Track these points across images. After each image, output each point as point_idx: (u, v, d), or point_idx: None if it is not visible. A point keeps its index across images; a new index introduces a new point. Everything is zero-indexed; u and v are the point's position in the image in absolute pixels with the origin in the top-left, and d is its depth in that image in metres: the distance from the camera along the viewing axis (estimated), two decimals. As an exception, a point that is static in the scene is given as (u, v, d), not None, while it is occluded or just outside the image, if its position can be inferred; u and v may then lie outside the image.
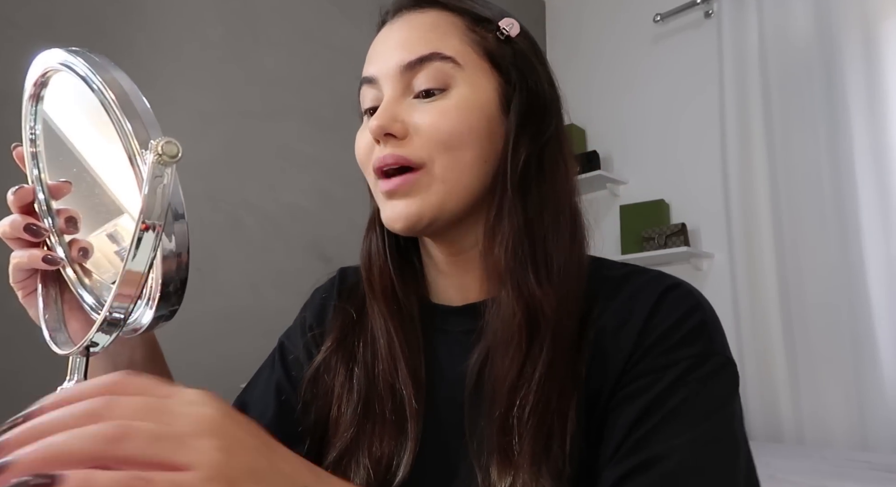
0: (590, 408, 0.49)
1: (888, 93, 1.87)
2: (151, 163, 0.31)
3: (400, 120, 0.51)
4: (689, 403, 0.46)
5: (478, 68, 0.54)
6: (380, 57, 0.55)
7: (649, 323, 0.49)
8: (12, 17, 1.45)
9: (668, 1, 2.43)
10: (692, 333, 0.49)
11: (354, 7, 2.11)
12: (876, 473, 1.27)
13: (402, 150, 0.51)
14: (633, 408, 0.46)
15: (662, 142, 2.43)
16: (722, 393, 0.47)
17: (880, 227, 1.82)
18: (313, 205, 1.96)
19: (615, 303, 0.52)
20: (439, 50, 0.52)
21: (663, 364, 0.47)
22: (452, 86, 0.52)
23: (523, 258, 0.51)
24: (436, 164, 0.51)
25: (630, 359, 0.49)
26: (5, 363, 1.33)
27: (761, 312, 2.01)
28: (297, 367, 0.62)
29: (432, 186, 0.51)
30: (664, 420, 0.45)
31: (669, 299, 0.51)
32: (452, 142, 0.51)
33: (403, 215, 0.51)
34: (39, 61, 0.41)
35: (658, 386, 0.46)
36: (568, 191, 0.55)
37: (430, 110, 0.51)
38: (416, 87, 0.52)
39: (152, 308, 0.35)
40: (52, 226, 0.44)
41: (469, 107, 0.52)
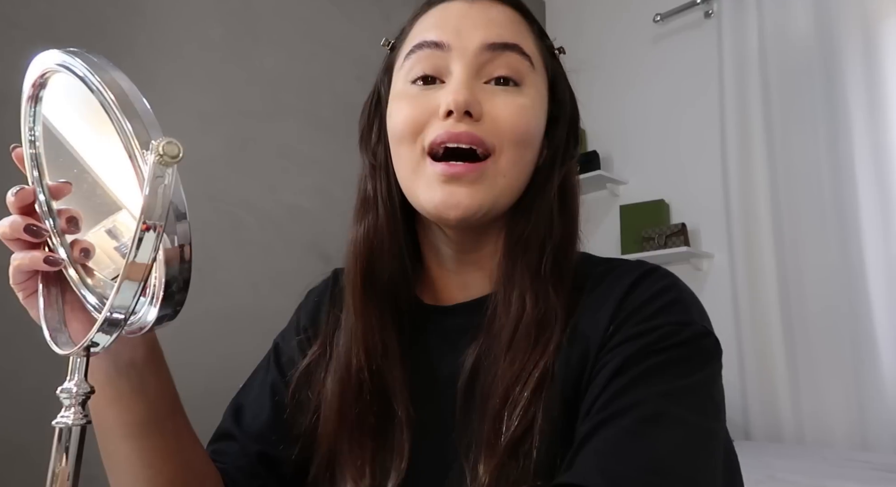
0: (573, 395, 0.48)
1: (888, 93, 1.87)
2: (152, 164, 0.31)
3: (478, 101, 0.49)
4: (665, 364, 0.44)
5: (542, 76, 0.55)
6: (456, 27, 0.51)
7: (625, 301, 0.49)
8: (13, 17, 1.45)
9: (668, 1, 2.43)
10: (669, 305, 0.48)
11: (354, 7, 2.11)
12: (876, 473, 1.27)
13: (478, 131, 0.49)
14: (608, 370, 0.45)
15: (662, 142, 2.43)
16: (700, 359, 0.46)
17: (880, 227, 1.82)
18: (313, 205, 1.96)
19: (595, 294, 0.52)
20: (522, 44, 0.52)
21: (639, 331, 0.46)
22: (525, 83, 0.52)
23: (548, 265, 0.52)
24: (503, 156, 0.50)
25: (605, 334, 0.48)
26: (5, 363, 1.33)
27: (761, 312, 2.01)
28: (291, 369, 0.62)
29: (497, 179, 0.50)
30: (640, 376, 0.43)
31: (646, 279, 0.51)
32: (523, 139, 0.51)
33: (465, 204, 0.49)
34: (37, 62, 0.41)
35: (633, 347, 0.45)
36: (578, 199, 0.57)
37: (510, 102, 0.50)
38: (490, 72, 0.51)
39: (155, 307, 0.35)
40: (54, 228, 0.44)
41: (537, 109, 0.53)
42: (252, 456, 0.60)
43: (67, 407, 0.37)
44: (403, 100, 0.53)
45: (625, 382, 0.44)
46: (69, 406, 0.37)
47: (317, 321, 0.64)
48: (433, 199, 0.50)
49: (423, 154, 0.50)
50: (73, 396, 0.37)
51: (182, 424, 0.55)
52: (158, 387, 0.51)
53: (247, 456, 0.59)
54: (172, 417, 0.53)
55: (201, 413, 0.67)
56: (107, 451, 0.52)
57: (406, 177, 0.53)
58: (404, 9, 0.61)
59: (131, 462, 0.51)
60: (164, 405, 0.52)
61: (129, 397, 0.49)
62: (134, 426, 0.50)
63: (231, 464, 0.59)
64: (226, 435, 0.62)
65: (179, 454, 0.53)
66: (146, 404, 0.50)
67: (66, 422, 0.36)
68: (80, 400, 0.37)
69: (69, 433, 0.36)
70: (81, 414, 0.37)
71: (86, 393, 0.37)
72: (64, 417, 0.36)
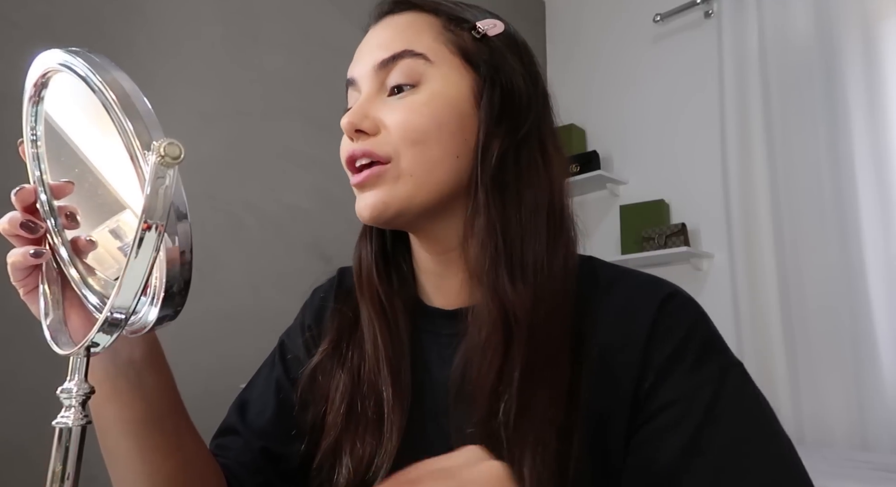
0: (596, 426, 0.48)
1: (888, 93, 1.87)
2: (154, 165, 0.31)
3: (371, 117, 0.53)
4: (731, 428, 0.46)
5: (451, 65, 0.54)
6: (359, 59, 0.56)
7: (654, 340, 0.49)
8: (12, 17, 1.45)
9: (668, 1, 2.43)
10: (704, 349, 0.50)
11: (354, 7, 2.11)
12: (876, 473, 1.27)
13: (369, 145, 0.52)
14: (672, 445, 0.46)
15: (662, 142, 2.43)
16: (751, 399, 0.49)
17: (880, 227, 1.82)
18: (313, 206, 1.96)
19: (611, 312, 0.52)
20: (411, 47, 0.53)
21: (687, 391, 0.47)
22: (423, 83, 0.53)
23: (496, 257, 0.51)
24: (402, 159, 0.52)
25: (641, 383, 0.49)
26: (5, 363, 1.33)
27: (761, 312, 2.01)
28: (296, 367, 0.63)
29: (400, 179, 0.52)
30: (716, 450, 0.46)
31: (670, 311, 0.51)
32: (420, 138, 0.51)
33: (370, 204, 0.52)
34: (39, 62, 0.41)
35: (692, 416, 0.47)
36: (549, 190, 0.54)
37: (399, 106, 0.52)
38: (388, 85, 0.53)
39: (156, 307, 0.35)
40: (56, 227, 0.44)
41: (439, 103, 0.52)
42: (255, 452, 0.60)
43: (67, 408, 0.37)
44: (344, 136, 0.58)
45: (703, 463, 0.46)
46: (69, 406, 0.37)
47: (322, 319, 0.65)
48: (356, 207, 0.54)
49: (350, 172, 0.55)
50: (74, 396, 0.37)
51: (182, 422, 0.55)
52: (158, 385, 0.52)
53: (250, 452, 0.60)
54: (172, 415, 0.54)
55: (201, 414, 0.67)
56: (107, 448, 0.52)
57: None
58: (404, 9, 0.62)
59: (131, 458, 0.52)
60: (163, 403, 0.53)
61: (128, 394, 0.50)
62: (133, 423, 0.51)
63: (234, 460, 0.60)
64: (230, 430, 0.63)
65: (179, 451, 0.54)
66: (145, 402, 0.51)
67: (67, 422, 0.36)
68: (80, 400, 0.37)
69: (69, 433, 0.36)
70: (81, 415, 0.37)
71: (86, 393, 0.37)
72: (64, 417, 0.36)
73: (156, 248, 0.32)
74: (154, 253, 0.32)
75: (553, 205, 0.54)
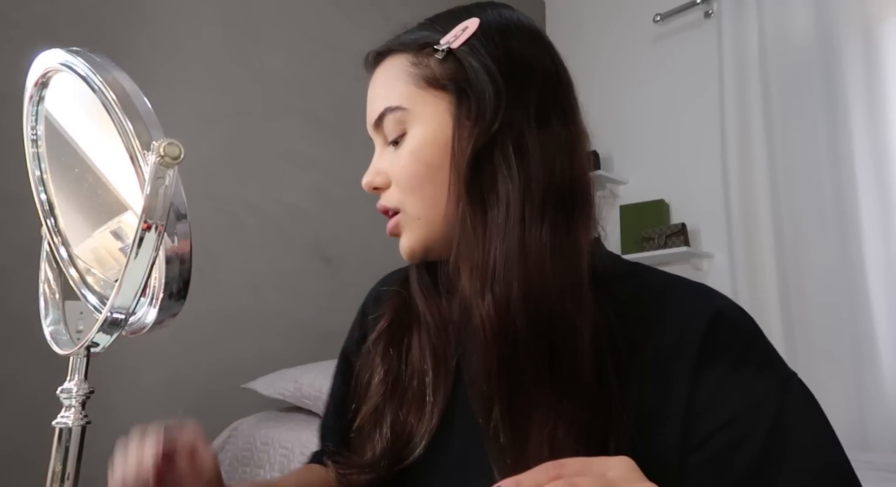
0: (644, 432, 0.47)
1: (888, 93, 1.87)
2: (153, 165, 0.31)
3: (381, 172, 0.58)
4: (800, 436, 0.46)
5: (425, 101, 0.55)
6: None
7: (710, 352, 0.48)
8: (12, 17, 1.45)
9: (668, 1, 2.43)
10: (763, 361, 0.49)
11: (354, 7, 2.11)
12: (876, 473, 1.27)
13: (384, 201, 0.58)
14: (743, 458, 0.45)
15: (662, 142, 2.43)
16: (814, 407, 0.48)
17: (880, 227, 1.82)
18: (313, 206, 1.96)
19: (664, 318, 0.50)
20: (389, 103, 0.56)
21: (751, 403, 0.46)
22: (408, 130, 0.56)
23: (474, 265, 0.51)
24: (408, 206, 0.56)
25: (697, 395, 0.47)
26: (5, 363, 1.33)
27: (761, 312, 2.01)
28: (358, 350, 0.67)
29: (413, 223, 0.56)
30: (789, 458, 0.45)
31: (727, 323, 0.49)
32: (414, 184, 0.55)
33: (404, 249, 0.58)
34: (40, 62, 0.41)
35: (761, 427, 0.46)
36: (531, 180, 0.51)
37: (393, 161, 0.57)
38: (388, 139, 0.58)
39: (155, 307, 0.35)
40: (55, 227, 0.44)
41: (422, 145, 0.55)
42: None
43: (67, 408, 0.37)
44: None
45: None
46: (69, 406, 0.37)
47: (381, 302, 0.68)
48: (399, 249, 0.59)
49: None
50: (74, 396, 0.37)
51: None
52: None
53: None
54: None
55: (201, 414, 0.67)
56: None
57: None
58: (404, 9, 0.62)
59: None
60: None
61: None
62: None
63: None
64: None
65: None
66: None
67: (67, 422, 0.36)
68: (80, 400, 0.37)
69: (69, 433, 0.36)
70: (81, 415, 0.37)
71: (86, 393, 0.37)
72: (64, 417, 0.36)
73: (155, 248, 0.32)
74: (154, 252, 0.32)
75: (541, 194, 0.50)
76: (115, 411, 1.46)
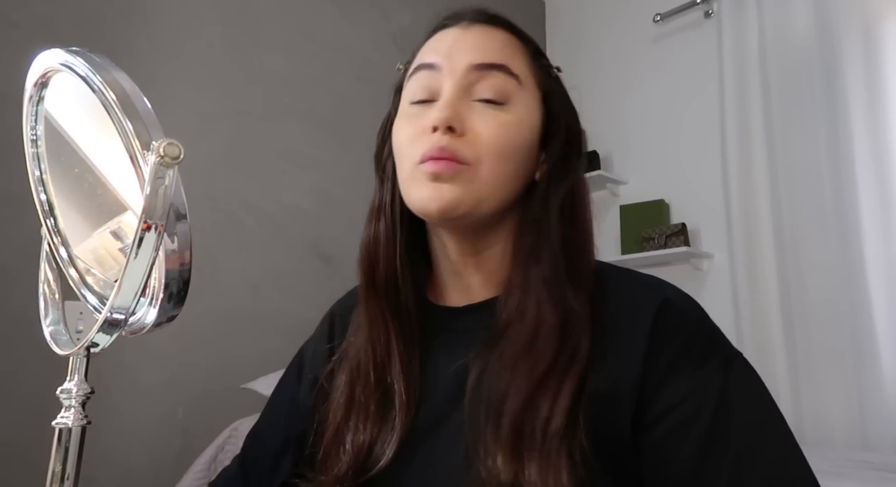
0: (598, 410, 0.49)
1: (888, 94, 1.87)
2: (153, 165, 0.31)
3: (461, 118, 0.54)
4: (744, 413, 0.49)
5: (533, 95, 0.58)
6: (449, 51, 0.57)
7: (658, 340, 0.51)
8: (12, 17, 1.45)
9: (668, 1, 2.43)
10: (708, 345, 0.52)
11: (354, 7, 2.11)
12: (876, 473, 1.27)
13: (455, 146, 0.54)
14: (691, 438, 0.48)
15: (662, 142, 2.43)
16: (757, 384, 0.52)
17: (880, 227, 1.82)
18: (313, 206, 1.96)
19: (612, 309, 0.54)
20: (509, 64, 0.56)
21: (696, 385, 0.49)
22: (511, 103, 0.56)
23: (562, 275, 0.55)
24: (482, 167, 0.54)
25: (647, 380, 0.50)
26: (5, 363, 1.33)
27: (761, 312, 2.01)
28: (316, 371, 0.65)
29: (474, 183, 0.54)
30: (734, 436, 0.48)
31: (673, 311, 0.53)
32: (504, 153, 0.55)
33: (445, 198, 0.53)
34: (39, 62, 0.41)
35: (705, 408, 0.48)
36: (586, 210, 0.60)
37: (491, 119, 0.55)
38: (477, 92, 0.56)
39: (155, 307, 0.35)
40: (54, 227, 0.44)
41: (521, 126, 0.56)
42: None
43: (67, 408, 0.37)
44: (404, 119, 0.59)
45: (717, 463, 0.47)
46: (69, 406, 0.37)
47: (335, 328, 0.69)
48: (421, 195, 0.54)
49: (415, 165, 0.55)
50: (73, 396, 0.37)
51: None
52: None
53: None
54: None
55: (201, 414, 0.67)
56: None
57: (404, 184, 0.58)
58: (404, 9, 0.62)
59: None
60: None
61: None
62: None
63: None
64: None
65: None
66: None
67: (66, 423, 0.36)
68: (80, 400, 0.37)
69: (69, 433, 0.36)
70: (81, 415, 0.37)
71: (86, 393, 0.37)
72: (64, 418, 0.36)
73: (155, 248, 0.32)
74: (154, 252, 0.32)
75: (588, 221, 0.59)
76: (115, 411, 1.47)
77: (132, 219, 0.39)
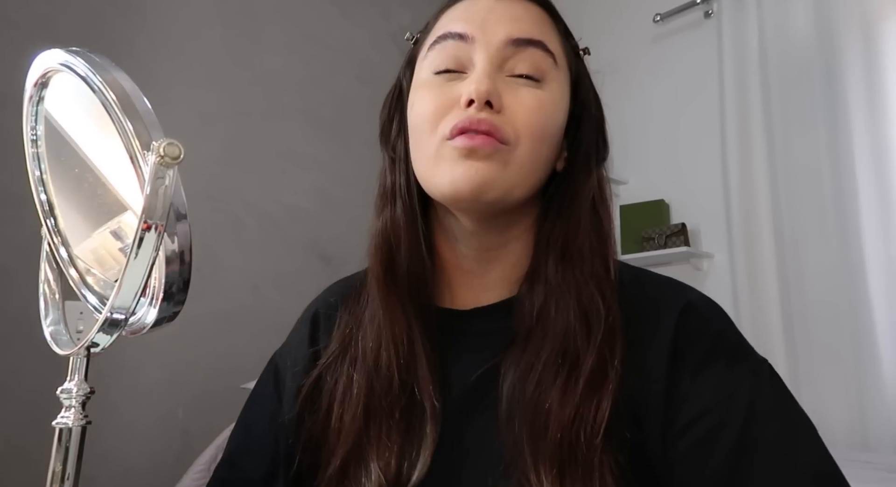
0: (630, 422, 0.47)
1: (888, 93, 1.87)
2: (153, 165, 0.31)
3: (499, 93, 0.50)
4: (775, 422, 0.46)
5: (565, 75, 0.55)
6: (482, 21, 0.52)
7: (682, 346, 0.48)
8: (12, 17, 1.45)
9: (668, 1, 2.43)
10: (734, 352, 0.50)
11: (354, 7, 2.11)
12: (876, 473, 1.27)
13: (497, 121, 0.49)
14: (721, 448, 0.45)
15: (662, 142, 2.43)
16: (785, 392, 0.49)
17: (880, 227, 1.82)
18: (313, 206, 1.96)
19: (634, 310, 0.51)
20: (547, 41, 0.53)
21: (725, 394, 0.47)
22: (546, 81, 0.52)
23: (597, 274, 0.51)
24: (520, 148, 0.50)
25: (674, 388, 0.47)
26: (5, 363, 1.33)
27: (761, 312, 2.01)
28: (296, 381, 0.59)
29: (510, 165, 0.49)
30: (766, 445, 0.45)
31: (697, 316, 0.50)
32: (542, 135, 0.51)
33: (478, 178, 0.48)
34: (39, 62, 0.41)
35: (735, 417, 0.46)
36: (611, 213, 0.57)
37: (528, 97, 0.50)
38: (512, 67, 0.51)
39: (155, 307, 0.35)
40: (54, 227, 0.44)
41: (557, 107, 0.53)
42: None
43: (67, 408, 0.37)
44: (426, 90, 0.53)
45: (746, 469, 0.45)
46: (69, 406, 0.37)
47: (319, 326, 0.63)
48: (454, 174, 0.49)
49: (443, 140, 0.50)
50: (74, 396, 0.37)
51: None
52: None
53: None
54: None
55: (201, 415, 0.67)
56: None
57: (425, 164, 0.52)
58: (404, 9, 0.62)
59: None
60: None
61: None
62: None
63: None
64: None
65: None
66: None
67: (67, 423, 0.36)
68: (80, 400, 0.37)
69: (69, 433, 0.36)
70: (81, 415, 0.37)
71: (86, 393, 0.37)
72: (64, 418, 0.36)
73: (155, 248, 0.32)
74: (154, 253, 0.32)
75: (611, 217, 0.56)
76: (115, 411, 1.47)
77: (132, 219, 0.39)
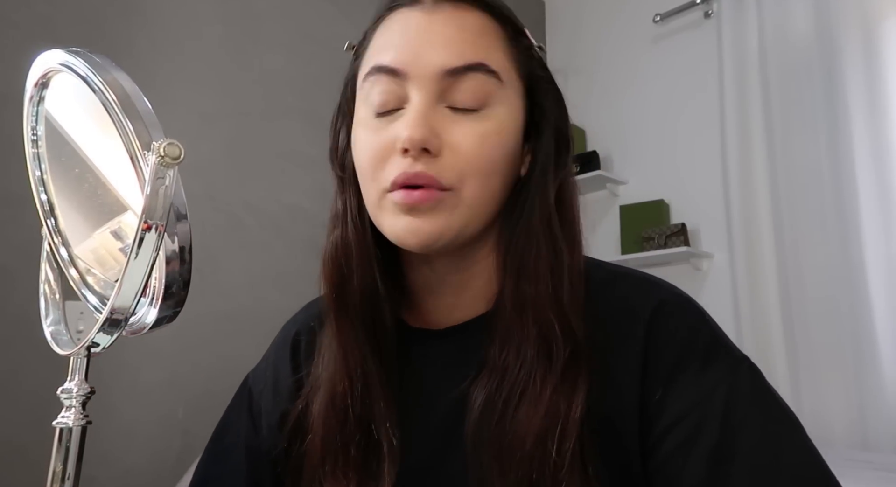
0: (607, 435, 0.46)
1: (888, 94, 1.87)
2: (153, 165, 0.31)
3: (436, 134, 0.46)
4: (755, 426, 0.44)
5: (515, 89, 0.50)
6: (413, 49, 0.47)
7: (655, 347, 0.47)
8: (12, 17, 1.45)
9: (668, 1, 2.43)
10: (709, 350, 0.47)
11: (354, 7, 2.11)
12: (876, 473, 1.27)
13: (434, 170, 0.45)
14: (699, 456, 0.43)
15: (662, 142, 2.43)
16: (767, 393, 0.46)
17: (880, 227, 1.82)
18: (313, 206, 1.95)
19: (605, 314, 0.49)
20: (487, 61, 0.47)
21: (700, 397, 0.45)
22: (490, 105, 0.47)
23: (562, 290, 0.48)
24: (465, 189, 0.47)
25: (648, 394, 0.46)
26: (5, 363, 1.33)
27: (761, 312, 2.01)
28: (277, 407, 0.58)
29: (457, 209, 0.47)
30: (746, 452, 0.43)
31: (668, 314, 0.48)
32: (489, 170, 0.47)
33: (424, 233, 0.46)
34: (40, 62, 0.41)
35: (711, 422, 0.44)
36: (579, 218, 0.53)
37: (469, 132, 0.46)
38: (451, 98, 0.47)
39: (155, 308, 0.35)
40: (55, 227, 0.44)
41: (505, 132, 0.48)
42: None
43: (68, 408, 0.37)
44: (364, 132, 0.50)
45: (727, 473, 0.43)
46: (69, 406, 0.37)
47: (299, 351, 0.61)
48: (395, 228, 0.47)
49: (384, 192, 0.48)
50: (74, 396, 0.37)
51: None
52: None
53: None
54: None
55: (201, 415, 0.67)
56: None
57: (370, 206, 0.50)
58: (404, 9, 0.61)
59: None
60: None
61: None
62: None
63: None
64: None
65: None
66: None
67: (67, 423, 0.36)
68: (80, 400, 0.37)
69: (69, 433, 0.36)
70: (82, 415, 0.37)
71: (86, 393, 0.38)
72: (64, 417, 0.36)
73: (156, 248, 0.32)
74: (154, 253, 0.32)
75: (578, 222, 0.52)
76: (115, 411, 1.47)
77: (132, 219, 0.39)
